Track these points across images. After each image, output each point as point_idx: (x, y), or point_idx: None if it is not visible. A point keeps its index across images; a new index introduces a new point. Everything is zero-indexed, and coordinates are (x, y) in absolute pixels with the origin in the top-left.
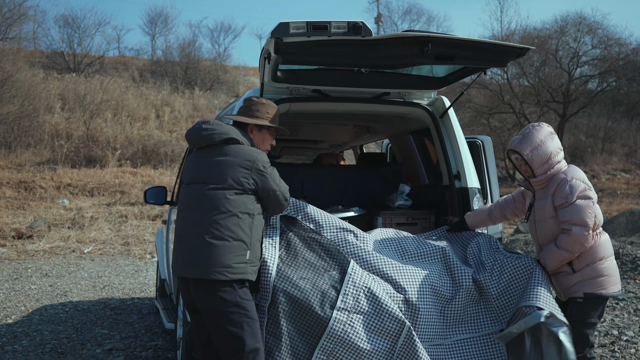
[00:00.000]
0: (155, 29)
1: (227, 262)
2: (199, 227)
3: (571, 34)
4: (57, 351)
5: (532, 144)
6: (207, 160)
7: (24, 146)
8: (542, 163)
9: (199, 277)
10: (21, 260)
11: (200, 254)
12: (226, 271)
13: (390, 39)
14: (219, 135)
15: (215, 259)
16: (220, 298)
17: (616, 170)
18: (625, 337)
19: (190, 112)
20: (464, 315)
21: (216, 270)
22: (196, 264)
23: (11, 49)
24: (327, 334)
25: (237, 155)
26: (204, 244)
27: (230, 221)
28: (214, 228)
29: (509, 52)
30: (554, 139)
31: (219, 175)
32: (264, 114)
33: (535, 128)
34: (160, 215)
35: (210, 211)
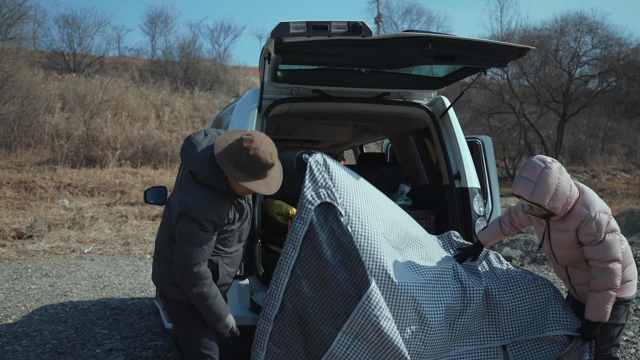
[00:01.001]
0: (155, 29)
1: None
2: (156, 245)
3: (571, 34)
4: (57, 351)
5: (550, 190)
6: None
7: (24, 146)
8: (563, 204)
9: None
10: (21, 260)
11: (159, 269)
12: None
13: (391, 39)
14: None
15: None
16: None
17: (616, 170)
18: (625, 337)
19: (190, 112)
20: (469, 327)
21: (163, 286)
22: (154, 277)
23: (11, 49)
24: (328, 354)
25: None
26: (161, 261)
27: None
28: (164, 247)
29: (509, 52)
30: (563, 174)
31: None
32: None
33: (545, 172)
34: (160, 215)
35: (163, 230)
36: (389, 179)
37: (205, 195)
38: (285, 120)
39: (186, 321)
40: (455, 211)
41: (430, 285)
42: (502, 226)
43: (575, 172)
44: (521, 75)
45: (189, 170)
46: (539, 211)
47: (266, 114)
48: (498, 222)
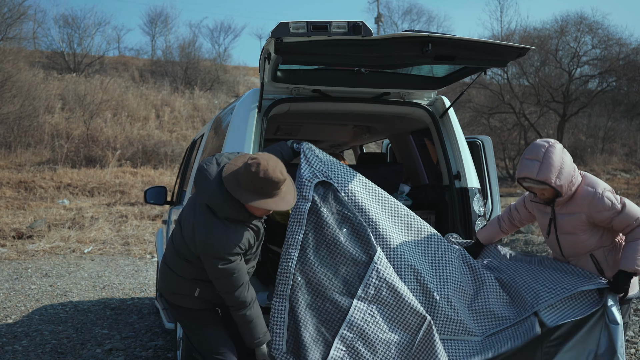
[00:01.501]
0: (155, 29)
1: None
2: (165, 255)
3: (571, 34)
4: (57, 351)
5: (555, 168)
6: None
7: (24, 146)
8: (568, 183)
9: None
10: (21, 260)
11: (166, 279)
12: (173, 297)
13: (391, 39)
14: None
15: (170, 285)
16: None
17: (616, 170)
18: (626, 337)
19: (190, 112)
20: (493, 310)
21: (168, 296)
22: (160, 286)
23: (11, 49)
24: (346, 322)
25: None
26: (168, 272)
27: (175, 256)
28: (173, 260)
29: (509, 52)
30: (566, 154)
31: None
32: (265, 190)
33: (550, 150)
34: (160, 215)
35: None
36: (389, 179)
37: (225, 230)
38: (285, 120)
39: (196, 325)
40: (455, 211)
41: (432, 260)
42: (501, 224)
43: None
44: (521, 75)
45: (205, 203)
46: (542, 195)
47: (266, 114)
48: (497, 221)
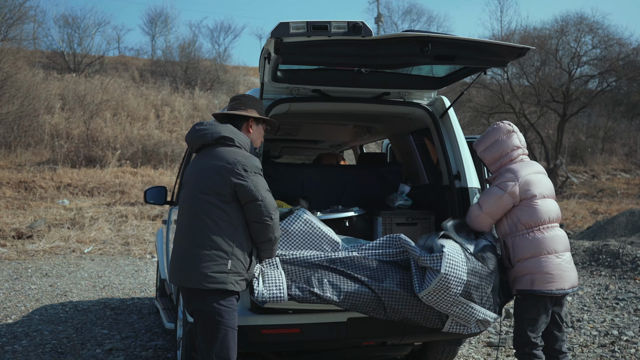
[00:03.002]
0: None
1: (203, 270)
2: (184, 234)
3: (572, 34)
4: (57, 351)
5: (487, 142)
6: (199, 163)
7: (24, 146)
8: (493, 161)
9: (181, 285)
10: (21, 260)
11: (183, 261)
12: (204, 280)
13: (391, 39)
14: (211, 135)
15: (194, 267)
16: (198, 305)
17: (616, 170)
18: (625, 337)
19: (190, 112)
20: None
21: (194, 279)
22: (179, 272)
23: (11, 49)
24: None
25: (222, 158)
26: (186, 252)
27: (211, 229)
28: (195, 235)
29: (509, 52)
30: (510, 137)
31: (204, 179)
32: (259, 108)
33: (493, 128)
34: (160, 215)
35: (194, 217)
36: (389, 179)
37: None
38: (285, 120)
39: (231, 312)
40: (455, 211)
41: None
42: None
43: (575, 172)
44: (521, 75)
45: (216, 138)
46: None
47: (266, 114)
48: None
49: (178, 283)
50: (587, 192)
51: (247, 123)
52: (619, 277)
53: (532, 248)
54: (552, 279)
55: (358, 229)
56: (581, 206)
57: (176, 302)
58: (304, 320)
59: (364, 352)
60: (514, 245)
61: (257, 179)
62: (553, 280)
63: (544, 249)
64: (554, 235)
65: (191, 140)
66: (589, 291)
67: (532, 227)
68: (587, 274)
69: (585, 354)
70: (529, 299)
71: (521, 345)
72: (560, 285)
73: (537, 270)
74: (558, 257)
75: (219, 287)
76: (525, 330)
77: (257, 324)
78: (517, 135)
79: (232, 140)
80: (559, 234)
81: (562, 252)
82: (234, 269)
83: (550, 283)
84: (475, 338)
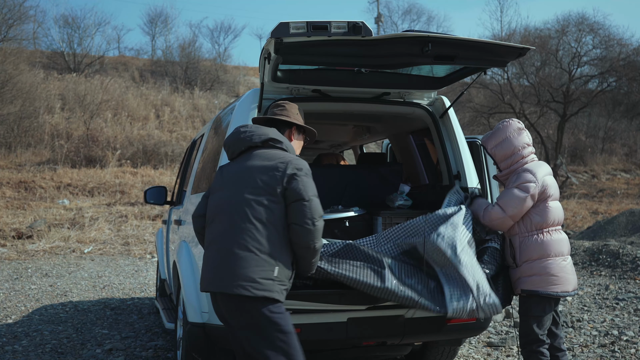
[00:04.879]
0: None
1: (252, 275)
2: (225, 237)
3: (572, 34)
4: (57, 351)
5: (497, 139)
6: (242, 164)
7: (24, 146)
8: (504, 158)
9: (224, 291)
10: (21, 260)
11: (226, 266)
12: (250, 286)
13: (391, 39)
14: (259, 136)
15: (240, 271)
16: (247, 314)
17: (616, 170)
18: (625, 337)
19: (190, 112)
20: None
21: (240, 285)
22: (220, 277)
23: (11, 49)
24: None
25: (271, 158)
26: (229, 255)
27: (259, 231)
28: (241, 238)
29: (509, 52)
30: (520, 134)
31: (252, 179)
32: (302, 117)
33: (503, 124)
34: (160, 215)
35: (239, 218)
36: (389, 179)
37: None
38: None
39: (287, 316)
40: None
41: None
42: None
43: (575, 172)
44: (521, 75)
45: (264, 140)
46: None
47: (266, 114)
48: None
49: (218, 289)
50: (587, 192)
51: (289, 131)
52: (619, 277)
53: (540, 250)
54: (558, 281)
55: (358, 229)
56: (581, 206)
57: (176, 302)
58: (304, 320)
59: (364, 352)
60: (522, 245)
61: (308, 181)
62: (559, 282)
63: (551, 252)
64: (561, 238)
65: (234, 142)
66: (589, 291)
67: (542, 229)
68: (587, 274)
69: (585, 354)
70: (534, 297)
71: (528, 343)
72: (565, 288)
73: (544, 272)
74: (564, 260)
75: (266, 294)
76: (532, 327)
77: None
78: (526, 133)
79: (281, 142)
80: (564, 236)
81: (567, 255)
82: (279, 276)
83: (556, 285)
84: (475, 338)
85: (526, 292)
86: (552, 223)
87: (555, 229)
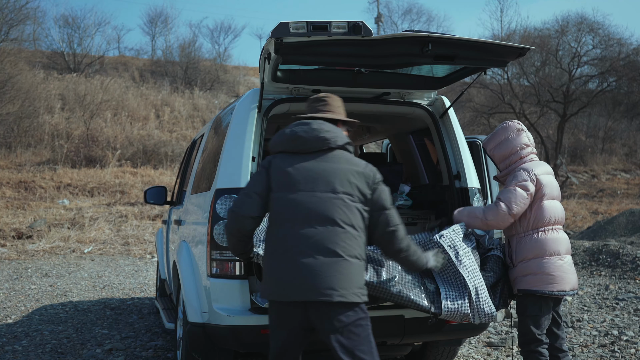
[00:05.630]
0: (155, 29)
1: (352, 281)
2: (314, 242)
3: (572, 34)
4: (57, 351)
5: (496, 140)
6: (320, 165)
7: (24, 146)
8: (503, 159)
9: (320, 300)
10: (21, 260)
11: (319, 273)
12: (360, 292)
13: (391, 39)
14: (342, 139)
15: (339, 277)
16: (346, 318)
17: (616, 170)
18: (625, 337)
19: (190, 112)
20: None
21: (353, 292)
22: (311, 285)
23: (12, 49)
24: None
25: (357, 163)
26: (325, 262)
27: (350, 236)
28: (334, 243)
29: (509, 52)
30: (519, 135)
31: (338, 183)
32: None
33: (503, 126)
34: (160, 215)
35: (328, 223)
36: (389, 179)
37: None
38: (285, 120)
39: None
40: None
41: None
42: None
43: (575, 172)
44: (521, 75)
45: (342, 144)
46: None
47: (266, 114)
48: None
49: (310, 298)
50: (587, 192)
51: (341, 127)
52: (619, 277)
53: (535, 249)
54: (554, 280)
55: None
56: (581, 206)
57: (176, 302)
58: None
59: None
60: (518, 245)
61: (386, 189)
62: (555, 281)
63: (546, 250)
64: (557, 237)
65: (313, 140)
66: (589, 291)
67: (537, 228)
68: (587, 274)
69: (585, 354)
70: (530, 297)
71: (526, 342)
72: (562, 287)
73: (539, 271)
74: (560, 259)
75: (364, 299)
76: (529, 327)
77: (257, 324)
78: (526, 134)
79: (353, 147)
80: (562, 236)
81: (564, 255)
82: (364, 281)
83: (552, 284)
84: (475, 338)
85: (522, 292)
86: (548, 222)
87: (552, 228)
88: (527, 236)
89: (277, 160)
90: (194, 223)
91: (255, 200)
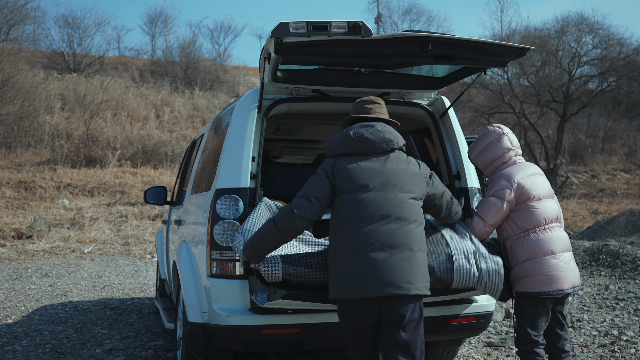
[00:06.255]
0: (155, 29)
1: (422, 275)
2: (388, 239)
3: (572, 34)
4: (57, 351)
5: (478, 148)
6: (385, 166)
7: (24, 146)
8: (486, 166)
9: (398, 293)
10: (21, 260)
11: (395, 268)
12: (428, 286)
13: (391, 39)
14: (402, 140)
15: (413, 271)
16: (414, 311)
17: (616, 170)
18: (625, 337)
19: (190, 112)
20: None
21: (424, 285)
22: (389, 280)
23: (12, 49)
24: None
25: (415, 163)
26: (402, 258)
27: (421, 232)
28: (406, 239)
29: (509, 52)
30: (500, 140)
31: (405, 183)
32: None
33: (483, 133)
34: (160, 215)
35: (410, 221)
36: None
37: None
38: (285, 120)
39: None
40: None
41: None
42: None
43: (575, 172)
44: (521, 75)
45: (401, 146)
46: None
47: (266, 114)
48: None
49: (389, 292)
50: (587, 192)
51: None
52: (619, 277)
53: (529, 250)
54: (550, 280)
55: None
56: (581, 206)
57: (176, 302)
58: (304, 320)
59: None
60: (512, 248)
61: (436, 176)
62: (550, 281)
63: (540, 251)
64: (551, 237)
65: (381, 141)
66: (589, 291)
67: (529, 230)
68: (587, 274)
69: (585, 354)
70: (526, 298)
71: (522, 343)
72: (559, 286)
73: (534, 272)
74: (555, 258)
75: (428, 292)
76: (526, 328)
77: (257, 324)
78: (507, 137)
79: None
80: (557, 234)
81: (560, 253)
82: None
83: (548, 284)
84: (475, 338)
85: (519, 294)
86: (539, 223)
87: (545, 228)
88: (519, 238)
89: (341, 162)
90: (194, 223)
91: (315, 204)
